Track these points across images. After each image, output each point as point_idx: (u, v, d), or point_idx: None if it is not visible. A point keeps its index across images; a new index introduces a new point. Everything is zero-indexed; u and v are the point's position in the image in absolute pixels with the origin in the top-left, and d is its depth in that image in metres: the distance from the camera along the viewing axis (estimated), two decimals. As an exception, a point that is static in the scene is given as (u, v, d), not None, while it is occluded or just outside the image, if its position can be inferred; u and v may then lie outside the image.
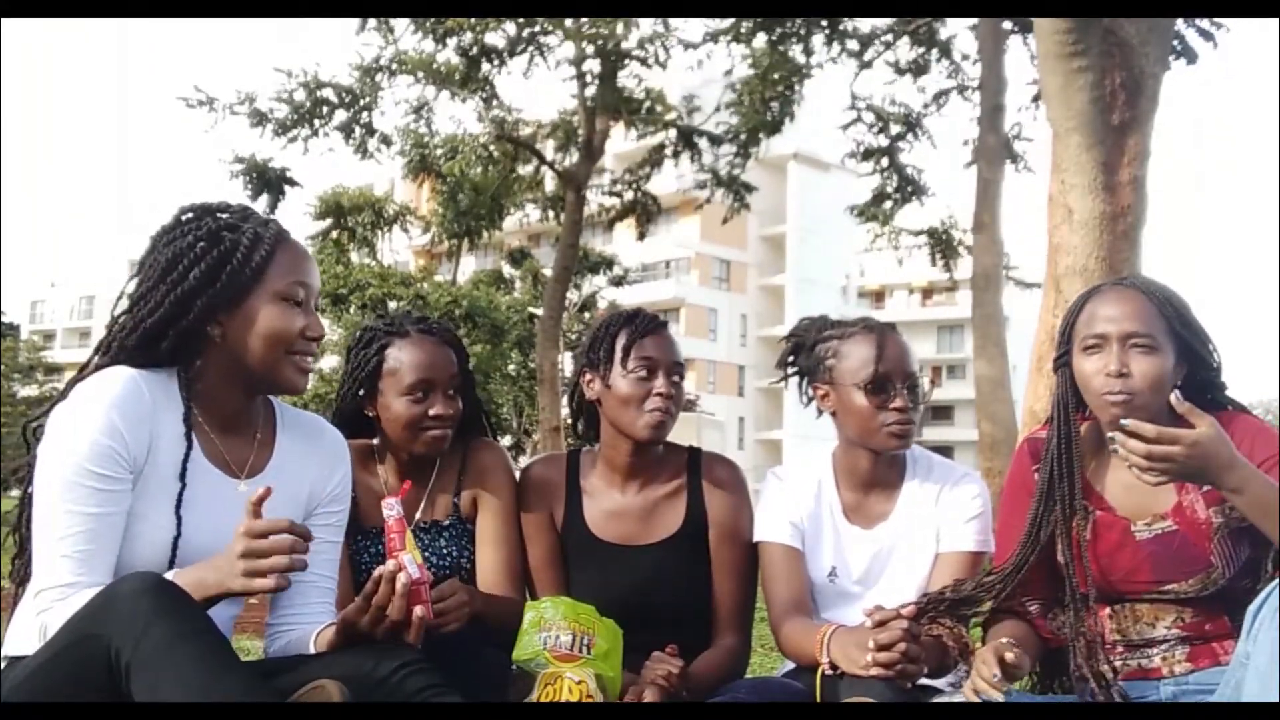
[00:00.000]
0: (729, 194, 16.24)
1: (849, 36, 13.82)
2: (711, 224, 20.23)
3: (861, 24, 13.88)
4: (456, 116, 17.51)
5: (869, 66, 14.27)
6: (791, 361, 2.37)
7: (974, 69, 13.13)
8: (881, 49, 14.18)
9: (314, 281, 1.92)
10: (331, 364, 26.78)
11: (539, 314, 19.20)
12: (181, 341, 1.84)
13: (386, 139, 15.64)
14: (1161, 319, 1.97)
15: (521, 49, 14.51)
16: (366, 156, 15.37)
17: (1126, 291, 2.01)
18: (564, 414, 14.65)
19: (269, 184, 14.61)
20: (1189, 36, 8.17)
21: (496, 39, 14.55)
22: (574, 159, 16.68)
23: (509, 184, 17.89)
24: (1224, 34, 8.27)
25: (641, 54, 14.78)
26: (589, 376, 2.33)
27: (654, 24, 14.60)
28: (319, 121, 14.54)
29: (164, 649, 1.53)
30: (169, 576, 1.66)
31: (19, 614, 1.82)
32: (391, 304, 26.23)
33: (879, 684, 1.81)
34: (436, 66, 14.73)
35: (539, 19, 13.96)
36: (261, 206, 14.39)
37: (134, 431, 1.76)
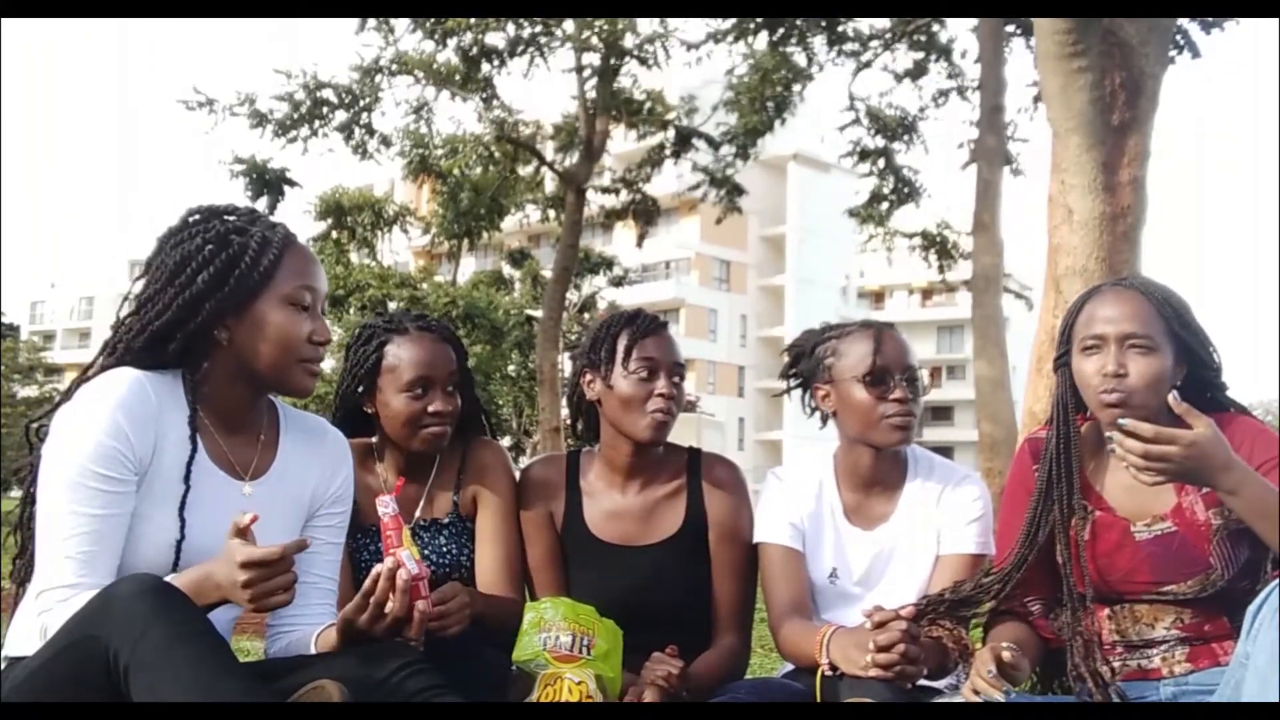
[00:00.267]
0: (721, 194, 16.22)
1: (849, 39, 13.82)
2: (711, 224, 20.18)
3: (861, 25, 13.90)
4: (456, 117, 17.53)
5: (868, 67, 14.27)
6: (793, 371, 2.37)
7: (973, 69, 13.14)
8: (880, 49, 14.18)
9: (321, 286, 1.93)
10: (331, 365, 26.77)
11: (538, 316, 19.20)
12: (189, 344, 1.84)
13: (386, 140, 15.64)
14: (1160, 319, 1.97)
15: (522, 50, 14.51)
16: (366, 157, 15.37)
17: (1125, 292, 2.01)
18: (564, 414, 14.64)
19: (268, 184, 14.60)
20: (1192, 30, 8.17)
21: (497, 39, 14.56)
22: (574, 159, 16.68)
23: (509, 184, 17.89)
24: (1225, 32, 8.27)
25: (642, 54, 14.78)
26: (590, 377, 2.33)
27: (654, 24, 14.61)
28: (319, 122, 14.54)
29: (163, 650, 1.53)
30: (169, 580, 1.66)
31: (20, 614, 1.82)
32: (391, 305, 26.23)
33: (878, 685, 1.82)
34: (437, 67, 14.73)
35: (539, 20, 13.96)
36: (261, 207, 14.38)
37: (139, 433, 1.76)
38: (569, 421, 2.60)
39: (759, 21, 13.28)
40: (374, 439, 2.36)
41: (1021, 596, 2.10)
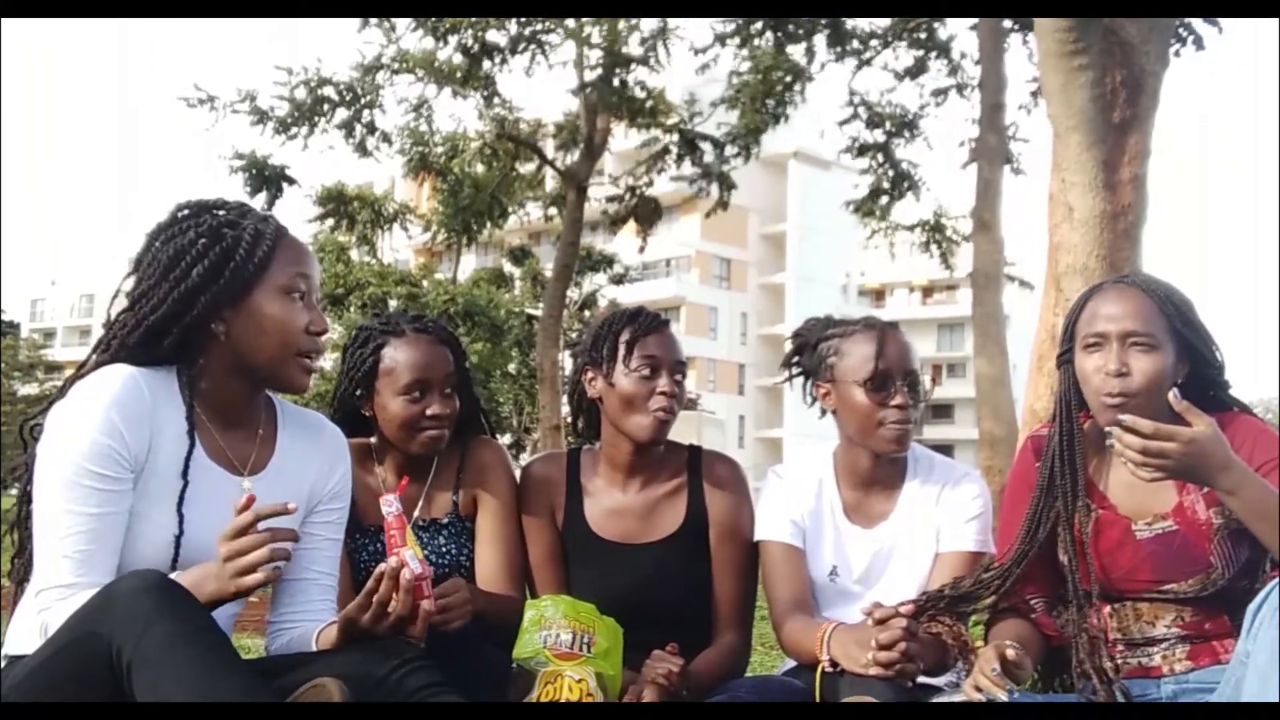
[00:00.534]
0: (715, 188, 16.18)
1: (851, 37, 13.81)
2: (712, 222, 20.16)
3: (861, 24, 13.89)
4: (456, 114, 17.49)
5: (868, 65, 14.26)
6: (795, 361, 2.37)
7: (973, 68, 13.13)
8: (880, 48, 14.16)
9: (315, 276, 1.92)
10: (331, 364, 26.75)
11: (538, 314, 19.19)
12: (184, 338, 1.83)
13: (387, 137, 15.61)
14: (1162, 317, 1.97)
15: (523, 48, 14.50)
16: (366, 155, 15.35)
17: (1127, 290, 2.01)
18: (564, 412, 14.64)
19: (267, 180, 14.55)
20: (1196, 24, 8.14)
21: (498, 37, 14.54)
22: (575, 157, 16.66)
23: (509, 182, 17.87)
24: (1226, 31, 8.25)
25: (642, 54, 14.76)
26: (591, 375, 2.32)
27: (655, 24, 14.60)
28: (319, 119, 14.52)
29: (165, 647, 1.52)
30: (188, 579, 1.66)
31: (19, 613, 1.82)
32: (391, 303, 26.23)
33: (879, 683, 1.82)
34: (438, 65, 14.70)
35: (539, 18, 13.95)
36: (259, 203, 14.37)
37: (134, 430, 1.75)
38: (569, 419, 2.59)
39: (765, 23, 13.27)
40: (373, 439, 2.36)
41: (1023, 593, 2.10)
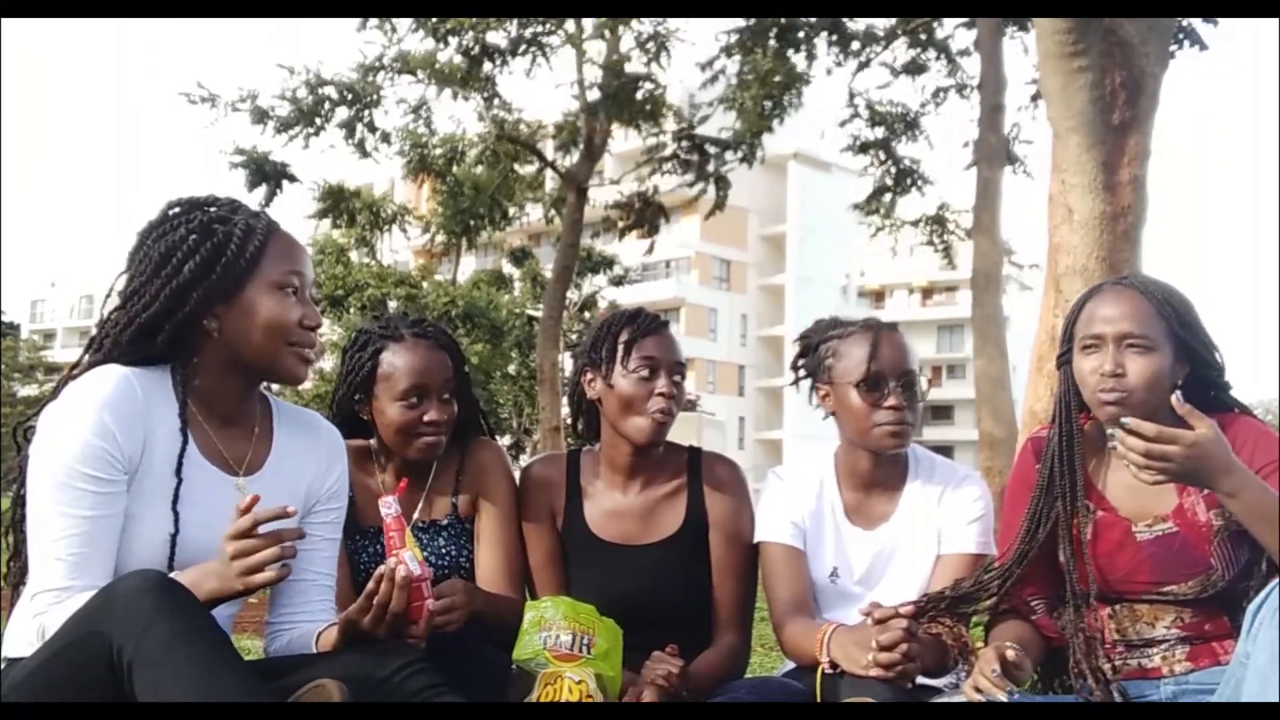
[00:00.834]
0: (712, 189, 16.18)
1: (853, 38, 13.81)
2: (711, 224, 20.14)
3: (862, 24, 13.89)
4: (456, 116, 17.43)
5: (867, 65, 14.26)
6: (800, 364, 2.37)
7: (973, 68, 13.13)
8: (880, 48, 14.17)
9: (308, 271, 1.91)
10: (332, 365, 26.75)
11: (538, 316, 19.17)
12: (177, 335, 1.82)
13: (387, 137, 15.61)
14: (1159, 319, 1.97)
15: (524, 50, 14.50)
16: (366, 155, 15.34)
17: (1125, 292, 2.01)
18: (564, 414, 14.63)
19: (266, 176, 14.52)
20: (1196, 24, 8.14)
21: (498, 38, 14.54)
22: (574, 159, 16.65)
23: (509, 184, 17.85)
24: (1227, 31, 8.25)
25: (645, 65, 14.77)
26: (590, 376, 2.32)
27: (656, 25, 14.60)
28: (320, 119, 14.51)
29: (165, 647, 1.52)
30: (187, 578, 1.66)
31: (16, 616, 1.81)
32: (391, 304, 26.20)
33: (879, 684, 1.81)
34: (439, 66, 14.70)
35: (540, 19, 13.95)
36: (257, 198, 14.33)
37: (127, 432, 1.74)
38: (569, 420, 2.59)
39: (768, 32, 13.28)
40: (372, 441, 2.35)
41: (1023, 595, 2.10)
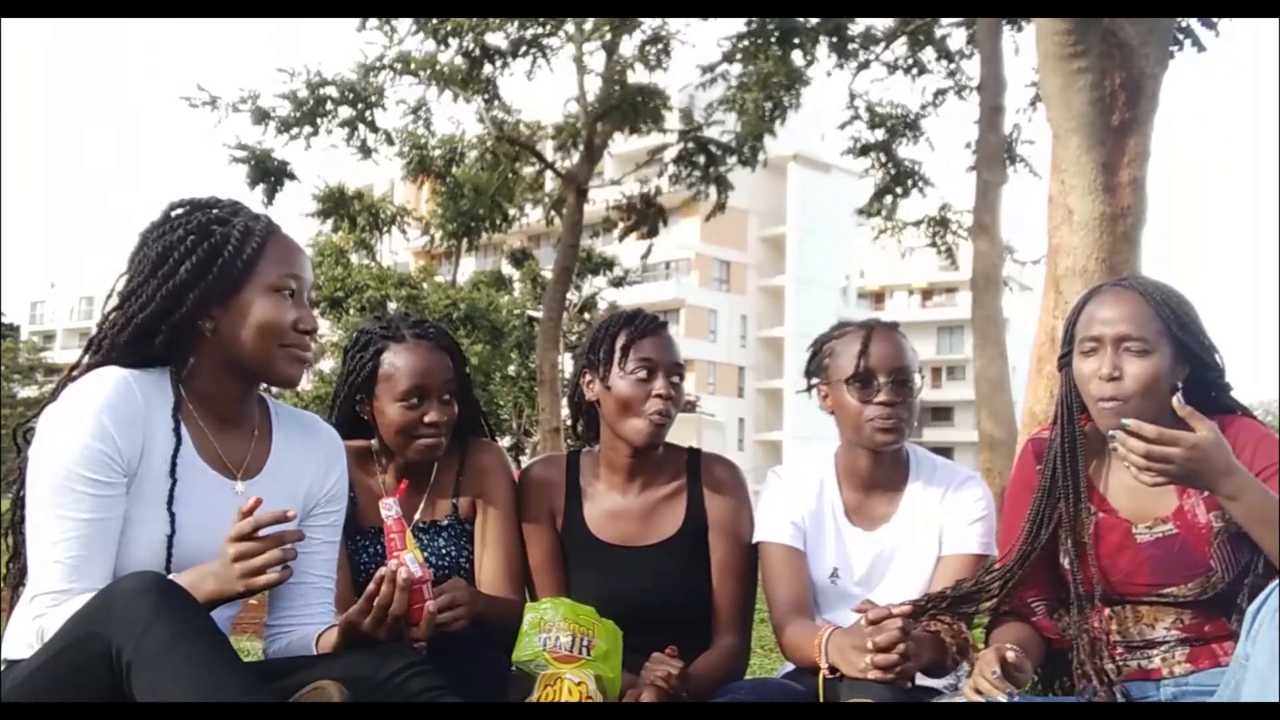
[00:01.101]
0: (714, 190, 16.19)
1: (853, 40, 13.82)
2: (711, 225, 20.15)
3: (862, 25, 13.90)
4: (455, 117, 17.45)
5: (866, 67, 14.27)
6: (810, 369, 2.37)
7: (972, 70, 13.13)
8: (881, 49, 14.17)
9: (306, 274, 1.91)
10: (332, 366, 26.73)
11: (539, 316, 19.16)
12: (174, 336, 1.82)
13: (389, 138, 15.61)
14: (1158, 320, 1.97)
15: (524, 51, 14.51)
16: (367, 156, 15.34)
17: (1124, 294, 2.01)
18: (564, 415, 14.62)
19: (266, 174, 14.51)
20: (1195, 26, 8.14)
21: (498, 40, 14.54)
22: (574, 160, 16.66)
23: (509, 185, 17.85)
24: (1226, 31, 8.25)
25: (644, 63, 14.78)
26: (589, 377, 2.32)
27: (657, 26, 14.61)
28: (321, 120, 14.51)
29: (165, 648, 1.52)
30: (186, 579, 1.66)
31: (15, 618, 1.80)
32: (391, 305, 26.18)
33: (878, 685, 1.81)
34: (439, 67, 14.70)
35: (540, 20, 13.96)
36: (258, 196, 14.34)
37: (126, 434, 1.74)
38: (569, 422, 2.59)
39: (770, 38, 13.29)
40: (373, 442, 2.35)
41: (1024, 596, 2.10)
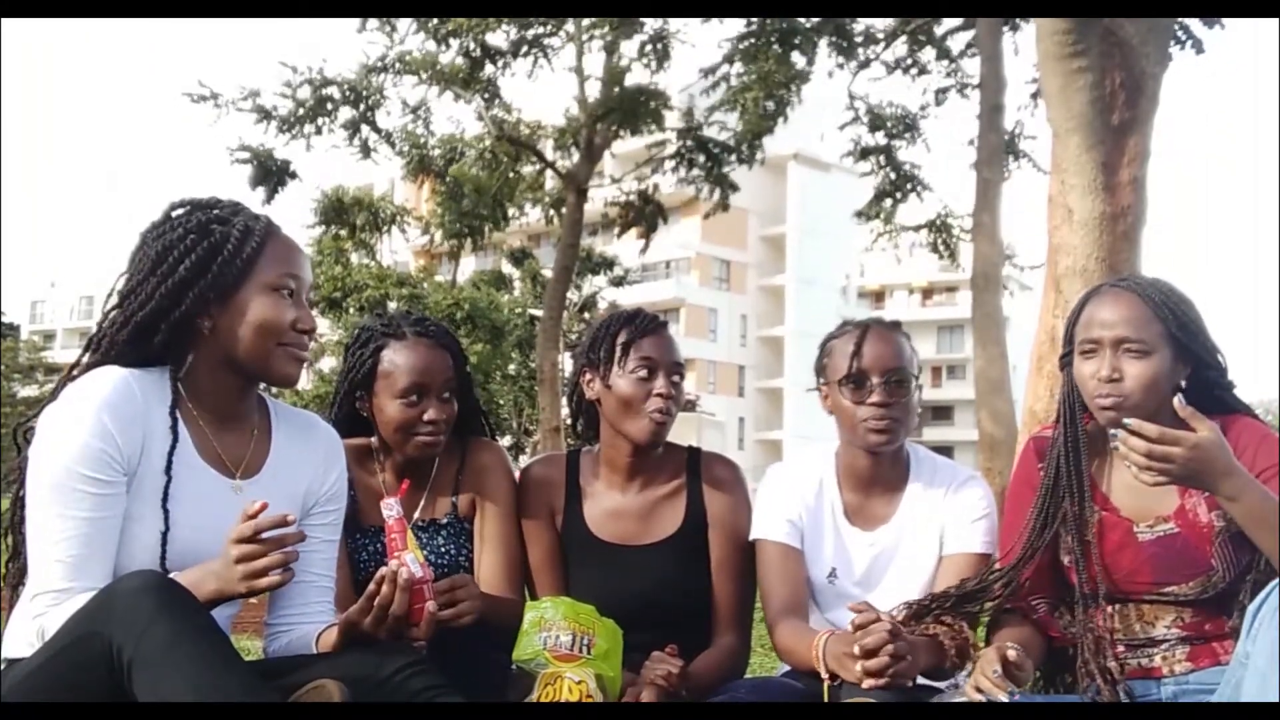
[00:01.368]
0: (714, 190, 16.19)
1: (853, 40, 13.82)
2: (711, 224, 20.18)
3: (862, 25, 13.89)
4: (455, 117, 17.44)
5: (866, 66, 14.27)
6: (815, 369, 2.36)
7: (973, 68, 13.13)
8: (881, 49, 14.17)
9: (305, 274, 1.91)
10: (332, 365, 26.74)
11: (539, 315, 19.17)
12: (172, 335, 1.83)
13: (390, 138, 15.61)
14: (1157, 321, 1.97)
15: (525, 51, 14.51)
16: (367, 155, 15.34)
17: (1123, 295, 2.01)
18: (564, 414, 14.62)
19: (268, 173, 14.51)
20: (1194, 26, 8.15)
21: (499, 40, 14.54)
22: (574, 159, 16.66)
23: (510, 185, 17.85)
24: (1227, 31, 8.25)
25: (644, 63, 14.78)
26: (589, 376, 2.32)
27: (658, 26, 14.61)
28: (322, 120, 14.51)
29: (166, 647, 1.52)
30: (186, 578, 1.66)
31: (15, 617, 1.81)
32: (391, 305, 26.18)
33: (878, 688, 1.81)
34: (440, 67, 14.71)
35: (540, 20, 13.96)
36: (259, 196, 14.35)
37: (125, 433, 1.74)
38: (569, 421, 2.59)
39: (772, 36, 13.28)
40: (373, 440, 2.35)
41: (1026, 595, 2.10)
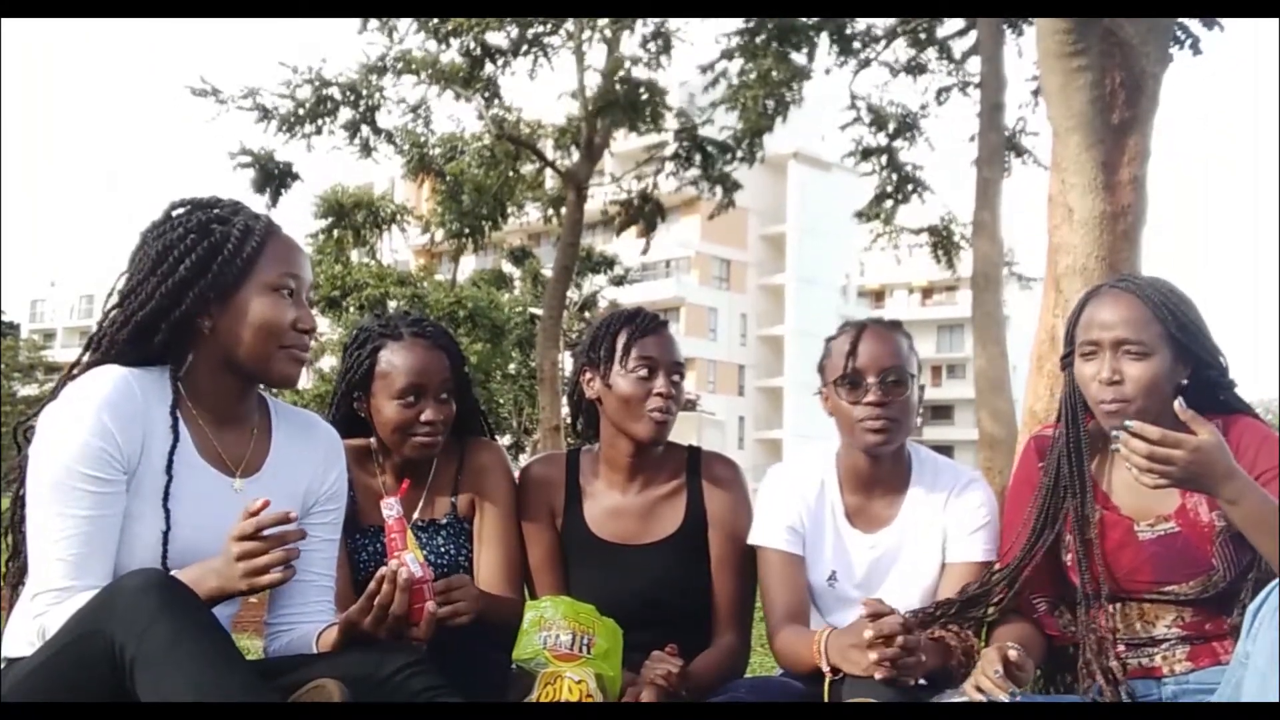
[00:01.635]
0: (717, 190, 16.19)
1: (854, 39, 13.81)
2: (712, 223, 20.16)
3: (862, 25, 13.89)
4: (455, 116, 17.44)
5: (867, 66, 14.27)
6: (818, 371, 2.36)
7: (973, 66, 13.12)
8: (882, 48, 14.17)
9: (305, 274, 1.91)
10: (332, 364, 26.74)
11: (539, 314, 19.17)
12: (172, 335, 1.83)
13: (391, 138, 15.61)
14: (1156, 323, 1.97)
15: (525, 50, 14.50)
16: (367, 155, 15.34)
17: (1123, 296, 2.01)
18: (564, 413, 14.62)
19: (270, 176, 14.52)
20: (1193, 26, 8.14)
21: (499, 39, 14.54)
22: (574, 159, 16.66)
23: (510, 184, 17.85)
24: (1227, 31, 8.25)
25: (647, 61, 14.78)
26: (589, 375, 2.32)
27: (656, 26, 14.60)
28: (322, 120, 14.51)
29: (168, 645, 1.52)
30: (187, 576, 1.66)
31: (15, 616, 1.81)
32: (391, 304, 26.18)
33: (881, 684, 1.80)
34: (440, 67, 14.71)
35: (540, 20, 13.96)
36: (263, 201, 14.34)
37: (125, 432, 1.74)
38: (569, 420, 2.59)
39: (769, 35, 13.28)
40: (373, 440, 2.35)
41: (1027, 595, 2.10)
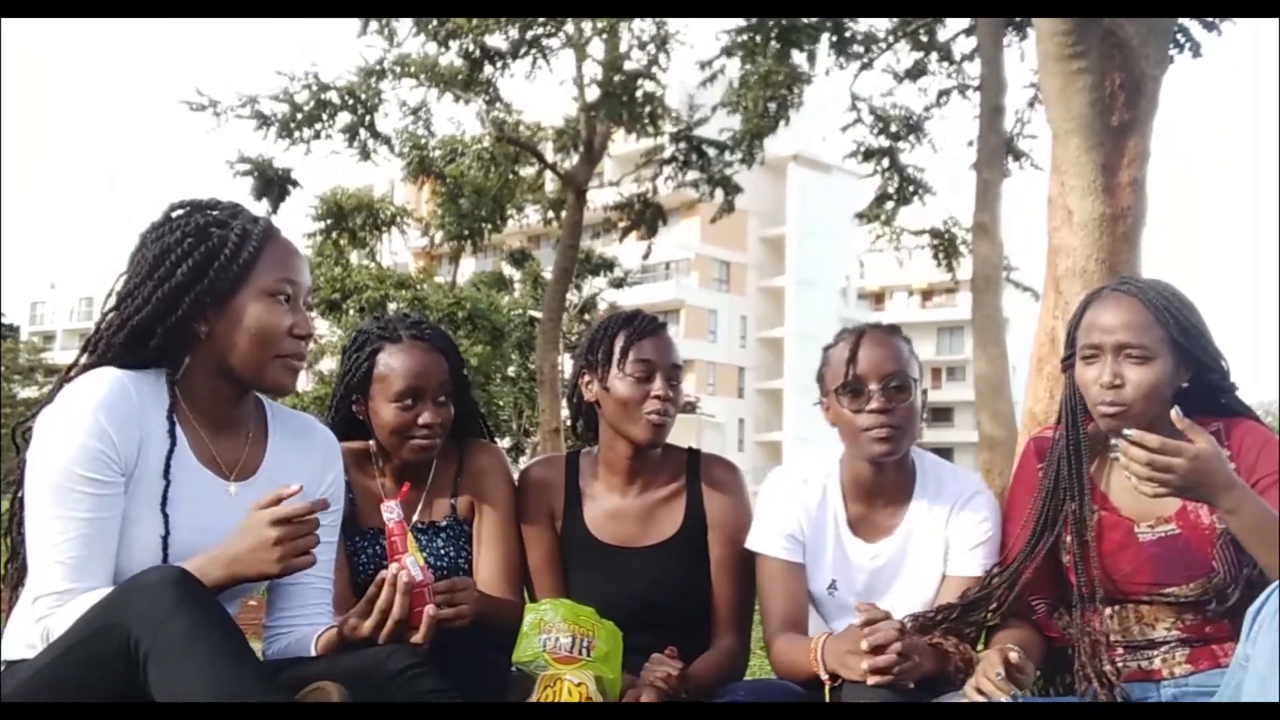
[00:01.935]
0: (717, 192, 16.19)
1: (854, 41, 13.82)
2: (711, 226, 20.15)
3: (862, 25, 13.90)
4: (455, 118, 17.44)
5: (869, 67, 14.27)
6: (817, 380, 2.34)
7: (974, 69, 13.13)
8: (883, 49, 14.17)
9: (303, 279, 1.90)
10: (332, 366, 26.72)
11: (539, 316, 19.18)
12: (169, 339, 1.82)
13: (389, 141, 15.62)
14: (1158, 326, 1.96)
15: (524, 52, 14.51)
16: (366, 158, 15.35)
17: (1124, 300, 2.00)
18: (564, 416, 14.61)
19: (269, 183, 14.54)
20: (1192, 29, 8.15)
21: (498, 41, 14.55)
22: (574, 161, 16.67)
23: (510, 186, 17.85)
24: (1226, 31, 8.25)
25: (645, 67, 14.79)
26: (587, 378, 2.32)
27: (656, 27, 14.61)
28: (320, 125, 14.52)
29: (182, 641, 1.53)
30: (190, 566, 1.66)
31: (15, 618, 1.81)
32: (391, 306, 26.17)
33: (880, 689, 1.80)
34: (439, 69, 14.72)
35: (540, 21, 13.97)
36: (264, 208, 14.35)
37: (122, 433, 1.74)
38: (569, 423, 2.59)
39: (770, 34, 13.28)
40: (372, 443, 2.35)
41: (1027, 597, 2.10)
